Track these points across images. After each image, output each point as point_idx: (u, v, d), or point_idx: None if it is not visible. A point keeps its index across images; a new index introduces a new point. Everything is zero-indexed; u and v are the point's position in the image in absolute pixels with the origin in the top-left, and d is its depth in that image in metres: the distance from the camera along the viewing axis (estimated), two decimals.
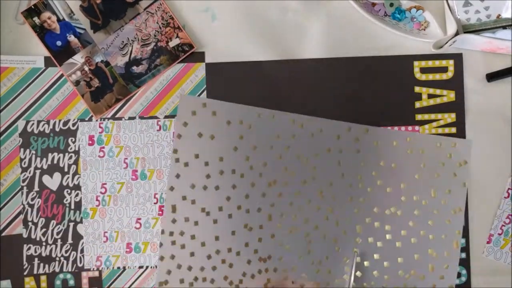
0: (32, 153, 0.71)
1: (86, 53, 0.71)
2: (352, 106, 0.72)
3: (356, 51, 0.72)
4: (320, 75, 0.72)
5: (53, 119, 0.72)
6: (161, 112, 0.72)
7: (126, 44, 0.72)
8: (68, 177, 0.72)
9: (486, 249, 0.71)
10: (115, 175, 0.72)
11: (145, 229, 0.72)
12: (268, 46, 0.72)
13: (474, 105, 0.72)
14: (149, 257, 0.71)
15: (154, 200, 0.72)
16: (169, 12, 0.72)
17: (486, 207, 0.72)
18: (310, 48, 0.72)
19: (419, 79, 0.72)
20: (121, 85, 0.72)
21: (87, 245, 0.71)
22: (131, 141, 0.72)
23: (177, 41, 0.72)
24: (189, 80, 0.72)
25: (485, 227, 0.72)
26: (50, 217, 0.71)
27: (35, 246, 0.71)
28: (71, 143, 0.72)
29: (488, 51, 0.71)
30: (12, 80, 0.71)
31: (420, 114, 0.72)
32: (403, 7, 0.72)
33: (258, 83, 0.72)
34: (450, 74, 0.72)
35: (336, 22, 0.72)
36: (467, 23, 0.71)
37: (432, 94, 0.72)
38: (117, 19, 0.71)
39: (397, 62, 0.72)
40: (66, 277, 0.71)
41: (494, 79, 0.71)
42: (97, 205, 0.72)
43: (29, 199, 0.71)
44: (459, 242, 0.69)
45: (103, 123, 0.72)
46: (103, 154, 0.72)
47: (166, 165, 0.72)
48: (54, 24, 0.71)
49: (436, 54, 0.72)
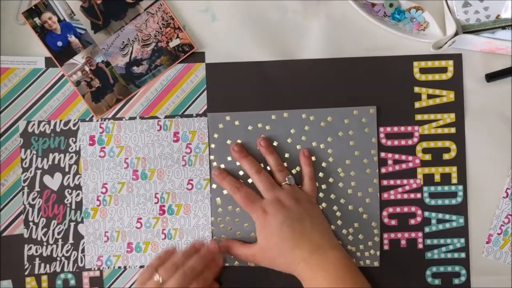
0: (33, 153, 0.71)
1: (86, 54, 0.71)
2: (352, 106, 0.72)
3: (356, 51, 0.72)
4: (320, 75, 0.72)
5: (54, 120, 0.72)
6: (162, 112, 0.72)
7: (127, 44, 0.72)
8: (69, 177, 0.72)
9: (485, 249, 0.72)
10: (116, 175, 0.72)
11: (146, 228, 0.72)
12: (268, 46, 0.72)
13: (473, 105, 0.72)
14: (150, 256, 0.71)
15: (155, 200, 0.72)
16: (169, 13, 0.72)
17: (485, 207, 0.72)
18: (310, 48, 0.72)
19: (418, 79, 0.72)
20: (122, 85, 0.72)
21: (88, 245, 0.71)
22: (132, 141, 0.72)
23: (178, 42, 0.72)
24: (189, 80, 0.72)
25: (485, 227, 0.72)
26: (51, 217, 0.71)
27: (36, 246, 0.71)
28: (72, 143, 0.72)
29: (488, 51, 0.72)
30: (13, 81, 0.71)
31: (419, 114, 0.72)
32: (402, 8, 0.72)
33: (258, 83, 0.72)
34: (449, 75, 0.72)
35: (336, 23, 0.72)
36: (466, 24, 0.71)
37: (432, 95, 0.72)
38: (117, 19, 0.72)
39: (396, 63, 0.72)
40: (67, 277, 0.71)
41: (494, 79, 0.71)
42: (98, 205, 0.72)
43: (30, 199, 0.71)
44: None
45: (104, 123, 0.72)
46: (103, 154, 0.72)
47: (166, 165, 0.72)
48: (54, 24, 0.71)
49: (435, 54, 0.72)
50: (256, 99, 0.72)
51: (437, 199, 0.72)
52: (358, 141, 0.72)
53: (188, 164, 0.72)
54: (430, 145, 0.72)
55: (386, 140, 0.72)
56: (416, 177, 0.72)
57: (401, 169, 0.72)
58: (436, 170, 0.72)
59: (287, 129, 0.72)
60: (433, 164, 0.72)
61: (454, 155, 0.72)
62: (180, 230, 0.72)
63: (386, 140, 0.72)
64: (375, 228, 0.71)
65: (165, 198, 0.72)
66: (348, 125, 0.72)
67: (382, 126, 0.72)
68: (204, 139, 0.72)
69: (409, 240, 0.72)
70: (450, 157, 0.72)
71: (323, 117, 0.72)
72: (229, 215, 0.72)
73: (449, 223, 0.72)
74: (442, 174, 0.72)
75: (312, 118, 0.72)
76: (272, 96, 0.72)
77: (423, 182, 0.72)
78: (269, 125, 0.72)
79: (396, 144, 0.72)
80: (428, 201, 0.72)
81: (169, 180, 0.72)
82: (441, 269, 0.71)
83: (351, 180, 0.72)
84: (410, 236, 0.72)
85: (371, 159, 0.72)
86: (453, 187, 0.72)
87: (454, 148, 0.72)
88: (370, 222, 0.71)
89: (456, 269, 0.71)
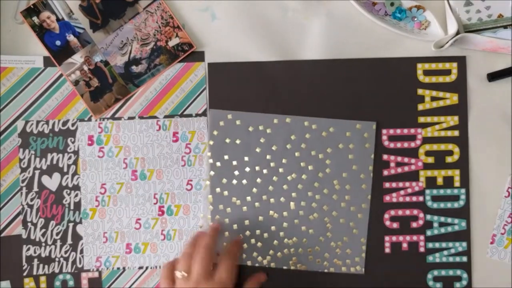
0: (31, 153, 0.71)
1: (85, 53, 0.71)
2: (353, 108, 0.71)
3: (356, 51, 0.72)
4: (321, 76, 0.72)
5: (52, 119, 0.71)
6: (161, 112, 0.72)
7: (126, 43, 0.71)
8: (68, 178, 0.71)
9: (490, 250, 0.71)
10: (115, 175, 0.72)
11: (145, 229, 0.71)
12: (267, 46, 0.72)
13: (475, 105, 0.72)
14: (149, 257, 0.71)
15: (154, 200, 0.72)
16: (168, 12, 0.71)
17: (488, 209, 0.71)
18: (310, 48, 0.72)
19: (422, 81, 0.72)
20: (121, 85, 0.71)
21: (87, 246, 0.71)
22: (131, 141, 0.72)
23: (177, 41, 0.71)
24: (189, 79, 0.72)
25: (488, 228, 0.71)
26: (49, 218, 0.71)
27: (35, 246, 0.71)
28: (71, 143, 0.71)
29: (489, 50, 0.71)
30: (11, 80, 0.71)
31: (422, 116, 0.71)
32: (403, 7, 0.72)
33: (258, 83, 0.72)
34: (453, 77, 0.72)
35: (336, 22, 0.72)
36: (468, 23, 0.70)
37: (435, 97, 0.71)
38: (116, 18, 0.71)
39: (400, 64, 0.72)
40: (66, 278, 0.71)
41: (495, 79, 0.71)
42: (96, 205, 0.71)
43: (28, 200, 0.71)
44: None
45: (103, 123, 0.72)
46: (102, 154, 0.72)
47: (165, 165, 0.71)
48: (53, 23, 0.70)
49: (439, 56, 0.71)
50: (256, 99, 0.72)
51: (439, 202, 0.71)
52: (357, 155, 0.71)
53: (187, 164, 0.72)
54: (433, 148, 0.71)
55: (389, 142, 0.71)
56: (418, 180, 0.71)
57: (403, 171, 0.71)
58: (438, 173, 0.71)
59: (288, 134, 0.71)
60: (435, 167, 0.71)
61: (457, 158, 0.71)
62: (180, 230, 0.72)
63: (389, 142, 0.71)
64: (363, 244, 0.71)
65: (164, 199, 0.72)
66: (350, 138, 0.71)
67: (385, 128, 0.71)
68: (204, 139, 0.72)
69: (411, 243, 0.71)
70: (453, 160, 0.71)
71: (325, 127, 0.71)
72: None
73: (451, 226, 0.71)
74: (444, 177, 0.71)
75: (314, 126, 0.71)
76: (272, 96, 0.72)
77: (426, 185, 0.71)
78: (270, 128, 0.71)
79: (399, 146, 0.71)
80: (430, 204, 0.71)
81: (168, 181, 0.72)
82: (442, 272, 0.71)
83: (345, 193, 0.71)
84: (411, 239, 0.71)
85: (368, 175, 0.71)
86: (456, 190, 0.71)
87: (457, 151, 0.71)
88: (360, 238, 0.71)
89: (457, 273, 0.71)
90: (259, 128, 0.71)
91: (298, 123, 0.71)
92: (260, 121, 0.71)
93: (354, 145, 0.71)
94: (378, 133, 0.71)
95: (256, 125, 0.71)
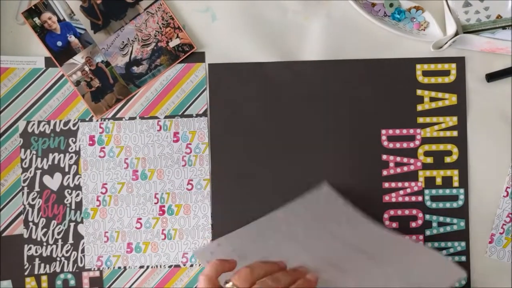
0: (32, 154, 0.71)
1: (86, 54, 0.71)
2: (353, 109, 0.71)
3: (355, 51, 0.72)
4: (321, 77, 0.72)
5: (53, 120, 0.71)
6: (162, 112, 0.72)
7: (127, 44, 0.71)
8: (69, 177, 0.72)
9: (488, 249, 0.71)
10: (116, 175, 0.72)
11: (146, 229, 0.72)
12: (267, 46, 0.72)
13: (474, 105, 0.72)
14: (150, 257, 0.72)
15: (155, 200, 0.72)
16: (169, 13, 0.71)
17: (486, 209, 0.72)
18: (310, 48, 0.72)
19: (421, 82, 0.72)
20: (122, 85, 0.72)
21: (88, 245, 0.72)
22: (132, 141, 0.72)
23: (177, 41, 0.72)
24: (189, 80, 0.72)
25: (487, 228, 0.71)
26: (50, 217, 0.71)
27: (36, 246, 0.71)
28: (72, 143, 0.72)
29: (488, 51, 0.71)
30: (13, 81, 0.71)
31: (421, 117, 0.72)
32: (402, 8, 0.72)
33: (258, 83, 0.72)
34: (452, 78, 0.72)
35: (336, 22, 0.72)
36: (466, 24, 0.71)
37: (434, 97, 0.72)
38: (117, 19, 0.71)
39: (399, 65, 0.72)
40: (67, 277, 0.71)
41: (494, 79, 0.71)
42: (97, 205, 0.72)
43: (29, 200, 0.71)
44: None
45: (104, 123, 0.72)
46: (103, 154, 0.72)
47: (166, 165, 0.72)
48: (54, 24, 0.71)
49: (438, 57, 0.72)
50: (256, 99, 0.72)
51: (438, 202, 0.72)
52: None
53: (188, 164, 0.72)
54: (432, 148, 0.72)
55: (388, 142, 0.72)
56: (417, 180, 0.72)
57: (402, 171, 0.72)
58: (437, 173, 0.72)
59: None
60: (434, 167, 0.72)
61: (456, 158, 0.71)
62: (180, 230, 0.72)
63: (388, 143, 0.72)
64: None
65: (165, 198, 0.72)
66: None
67: (384, 128, 0.72)
68: (204, 139, 0.72)
69: None
70: (452, 160, 0.72)
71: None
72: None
73: (450, 226, 0.71)
74: (443, 177, 0.72)
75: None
76: (272, 97, 0.72)
77: (425, 185, 0.72)
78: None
79: (398, 146, 0.72)
80: (429, 204, 0.72)
81: (169, 180, 0.72)
82: None
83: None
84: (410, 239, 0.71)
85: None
86: (455, 190, 0.72)
87: (456, 151, 0.72)
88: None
89: None
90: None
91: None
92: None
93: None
94: (377, 133, 0.72)
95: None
